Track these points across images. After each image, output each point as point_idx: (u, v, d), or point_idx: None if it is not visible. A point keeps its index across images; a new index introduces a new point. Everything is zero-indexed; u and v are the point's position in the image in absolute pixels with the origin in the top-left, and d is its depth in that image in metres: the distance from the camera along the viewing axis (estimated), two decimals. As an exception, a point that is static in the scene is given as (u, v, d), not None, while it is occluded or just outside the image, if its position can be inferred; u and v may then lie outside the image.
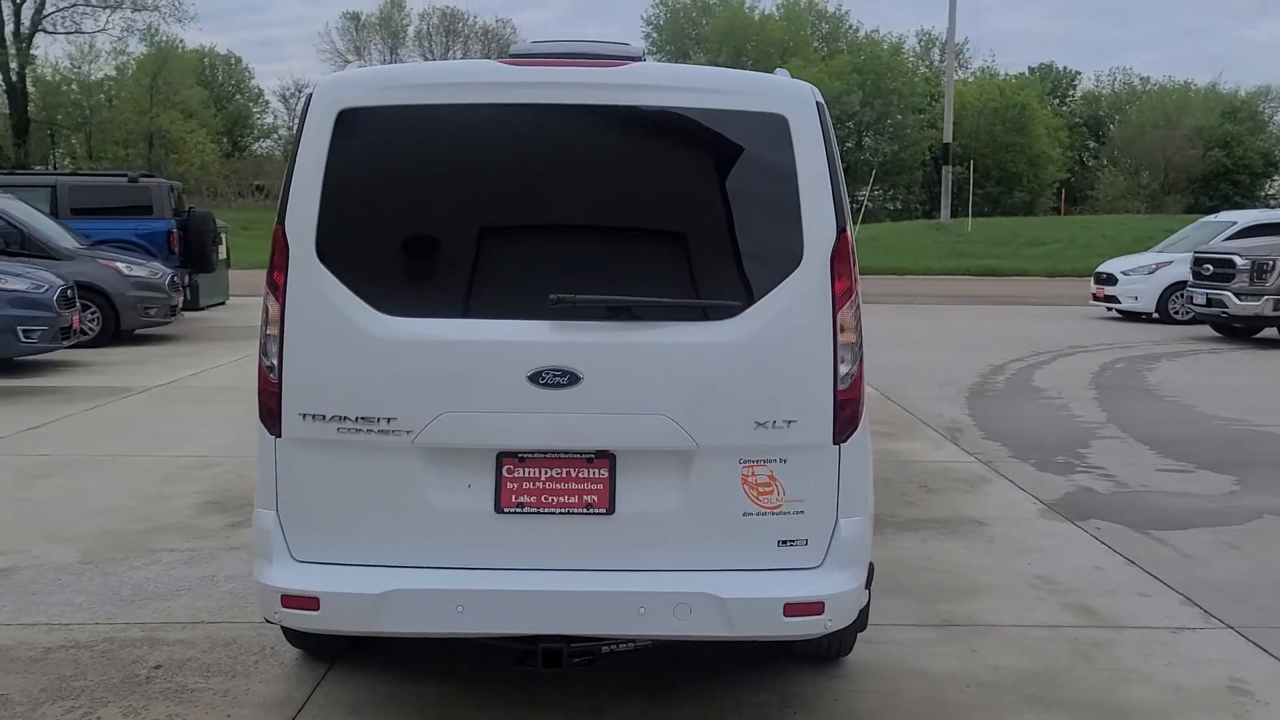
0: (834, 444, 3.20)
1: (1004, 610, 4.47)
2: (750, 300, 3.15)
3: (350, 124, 3.18)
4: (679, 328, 3.14)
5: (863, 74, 52.92)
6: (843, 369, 3.21)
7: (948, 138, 37.73)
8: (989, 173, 56.72)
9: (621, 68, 3.24)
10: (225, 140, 58.94)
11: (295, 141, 3.23)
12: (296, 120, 3.34)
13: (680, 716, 3.53)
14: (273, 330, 3.19)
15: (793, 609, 3.11)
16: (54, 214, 15.31)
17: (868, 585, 3.38)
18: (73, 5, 46.56)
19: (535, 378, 3.09)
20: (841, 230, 3.22)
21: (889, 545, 5.34)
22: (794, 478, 3.18)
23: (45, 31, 46.57)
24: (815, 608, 3.13)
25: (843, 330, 3.22)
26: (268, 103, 68.34)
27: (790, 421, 3.16)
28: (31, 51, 45.94)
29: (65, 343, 11.32)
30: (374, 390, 3.13)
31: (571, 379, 3.09)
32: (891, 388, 10.40)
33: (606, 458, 3.16)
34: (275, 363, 3.18)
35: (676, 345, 3.13)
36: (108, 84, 51.52)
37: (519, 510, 3.14)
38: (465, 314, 3.14)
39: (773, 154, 3.19)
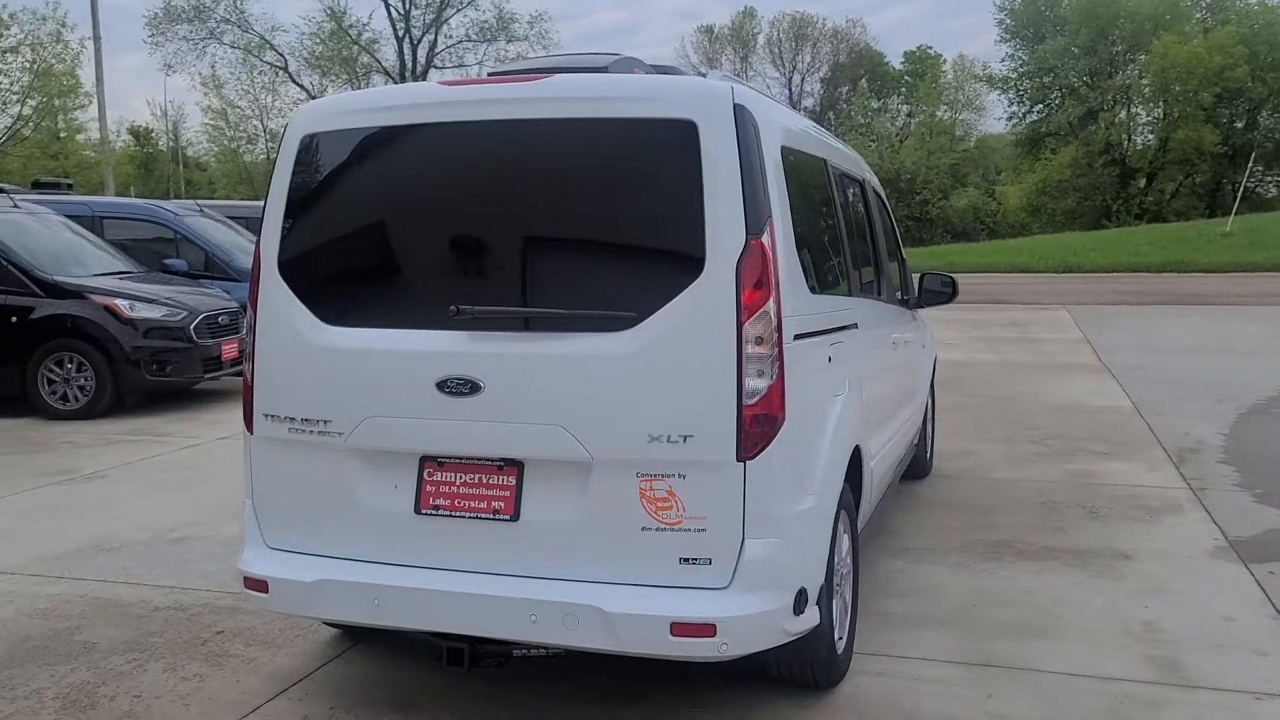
0: (738, 461, 3.05)
1: (1066, 656, 3.94)
2: (647, 311, 3.09)
3: (308, 148, 3.50)
4: (574, 339, 3.14)
5: (1252, 45, 46.56)
6: (754, 383, 3.05)
7: (1352, 111, 32.28)
8: None
9: (536, 82, 3.30)
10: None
11: (272, 166, 3.60)
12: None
13: (627, 729, 3.50)
14: (249, 337, 3.57)
15: (680, 629, 3.01)
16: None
17: (799, 610, 3.18)
18: (458, 42, 52.34)
19: (441, 386, 3.22)
20: (754, 237, 3.06)
21: (992, 575, 4.87)
22: (694, 494, 3.07)
23: (436, 67, 52.69)
24: (705, 629, 3.01)
25: (758, 342, 3.06)
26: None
27: (686, 436, 3.06)
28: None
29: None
30: (315, 394, 3.41)
31: (473, 388, 3.20)
32: (1155, 402, 9.27)
33: (515, 466, 3.23)
34: (250, 366, 3.56)
35: (570, 356, 3.14)
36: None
37: (435, 512, 3.29)
38: (386, 324, 3.35)
39: (679, 160, 3.10)
